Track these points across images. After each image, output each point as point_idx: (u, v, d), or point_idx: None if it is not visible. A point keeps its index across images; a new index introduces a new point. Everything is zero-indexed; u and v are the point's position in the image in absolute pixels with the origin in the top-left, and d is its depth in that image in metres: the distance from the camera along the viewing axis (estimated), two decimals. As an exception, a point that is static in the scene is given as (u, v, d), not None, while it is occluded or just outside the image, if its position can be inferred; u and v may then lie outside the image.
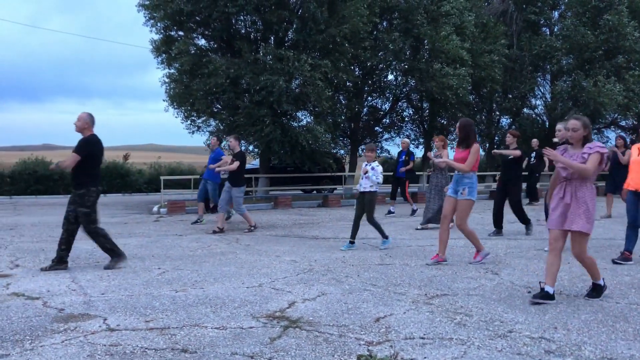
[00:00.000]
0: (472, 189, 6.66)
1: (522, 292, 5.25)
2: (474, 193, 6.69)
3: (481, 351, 3.61)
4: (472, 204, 6.72)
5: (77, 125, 6.65)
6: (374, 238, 9.23)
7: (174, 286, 5.58)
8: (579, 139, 5.05)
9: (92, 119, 6.73)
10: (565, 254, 7.37)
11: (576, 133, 5.03)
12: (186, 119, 17.55)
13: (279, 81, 14.73)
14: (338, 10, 16.12)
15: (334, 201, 16.55)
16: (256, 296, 5.11)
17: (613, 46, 22.10)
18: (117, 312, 4.59)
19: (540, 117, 25.45)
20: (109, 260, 6.67)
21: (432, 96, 19.30)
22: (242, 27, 17.12)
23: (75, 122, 6.67)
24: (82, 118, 6.64)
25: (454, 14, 19.12)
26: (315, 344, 3.77)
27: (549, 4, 24.48)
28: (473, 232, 6.91)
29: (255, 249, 8.03)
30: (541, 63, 23.81)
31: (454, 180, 6.82)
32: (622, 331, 4.03)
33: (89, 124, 6.66)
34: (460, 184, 6.69)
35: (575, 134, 5.04)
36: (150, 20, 16.70)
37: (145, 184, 25.04)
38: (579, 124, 5.02)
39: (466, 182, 6.66)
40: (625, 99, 21.48)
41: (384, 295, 5.12)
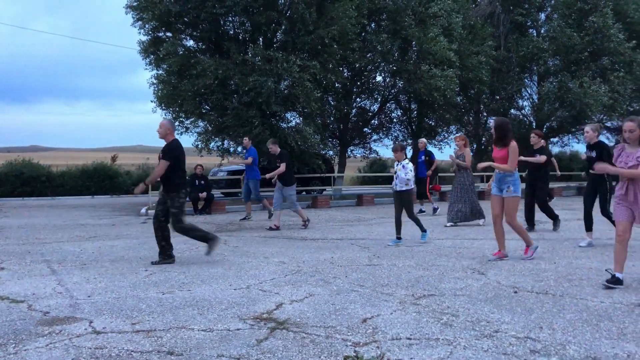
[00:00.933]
0: (516, 186, 6.92)
1: (509, 292, 5.28)
2: (519, 189, 6.96)
3: (467, 351, 3.63)
4: (518, 200, 7.01)
5: (160, 132, 7.05)
6: (362, 239, 9.26)
7: (161, 288, 5.55)
8: (636, 139, 5.36)
9: (173, 125, 7.26)
10: (551, 254, 7.45)
11: (633, 134, 5.35)
12: (174, 120, 17.47)
13: (267, 82, 14.73)
14: (326, 11, 16.15)
15: (323, 202, 16.56)
16: (243, 298, 5.10)
17: (598, 48, 22.32)
18: (104, 314, 4.57)
19: (527, 117, 25.64)
20: (206, 247, 7.05)
21: (420, 97, 19.40)
22: (230, 28, 17.11)
23: (157, 129, 7.08)
24: (163, 125, 7.03)
25: (441, 15, 19.22)
26: (302, 345, 3.77)
27: (536, 6, 24.67)
28: (522, 227, 7.23)
29: (243, 251, 8.01)
30: (528, 64, 24.01)
31: (497, 179, 7.06)
32: (606, 330, 4.06)
33: (171, 129, 7.08)
34: (504, 182, 6.95)
35: (632, 134, 5.36)
36: (139, 21, 16.63)
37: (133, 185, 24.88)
38: (634, 125, 5.33)
39: (509, 180, 6.91)
40: (610, 100, 21.70)
41: (371, 296, 5.13)
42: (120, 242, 9.14)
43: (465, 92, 22.84)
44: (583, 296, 5.08)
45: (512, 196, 6.90)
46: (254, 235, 9.98)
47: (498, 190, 7.02)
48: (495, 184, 7.07)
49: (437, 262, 6.96)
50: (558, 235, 9.50)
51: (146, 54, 17.19)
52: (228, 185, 18.87)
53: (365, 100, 21.96)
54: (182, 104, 16.36)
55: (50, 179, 23.58)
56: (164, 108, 17.20)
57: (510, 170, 6.88)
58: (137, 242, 9.12)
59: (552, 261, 6.94)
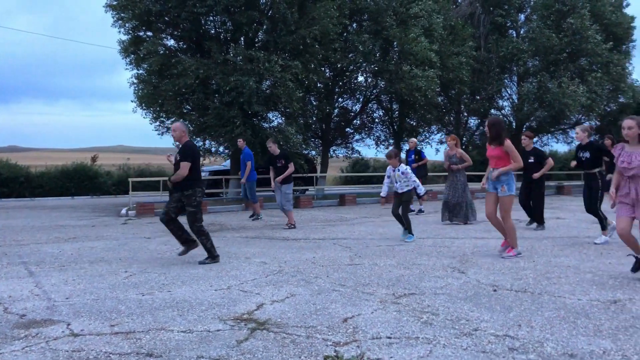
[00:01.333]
0: (510, 185, 7.06)
1: (488, 290, 5.33)
2: (513, 188, 7.11)
3: (447, 350, 3.65)
4: (513, 199, 7.17)
5: (175, 136, 7.25)
6: (344, 239, 9.27)
7: (140, 289, 5.51)
8: (634, 137, 5.48)
9: (187, 127, 7.50)
10: (530, 252, 7.53)
11: (631, 131, 5.47)
12: (155, 120, 17.36)
13: (249, 82, 14.68)
14: (308, 11, 16.14)
15: (305, 202, 16.55)
16: (224, 299, 5.08)
17: (576, 49, 22.64)
18: (82, 316, 4.51)
19: (507, 117, 25.89)
20: (204, 258, 7.07)
21: (402, 97, 19.48)
22: (211, 27, 17.02)
23: (172, 133, 7.33)
24: (178, 128, 7.23)
25: (422, 16, 19.33)
26: (283, 345, 3.76)
27: (515, 7, 24.94)
28: (515, 228, 7.30)
29: (224, 251, 7.97)
30: (508, 65, 24.26)
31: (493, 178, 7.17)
32: (583, 327, 4.12)
33: (185, 132, 7.27)
34: (498, 181, 7.08)
35: (630, 131, 5.48)
36: (119, 20, 16.47)
37: (114, 186, 24.69)
38: (633, 122, 5.48)
39: (503, 179, 7.04)
40: (588, 100, 22.01)
41: (352, 296, 5.14)
42: (100, 243, 9.04)
43: (446, 92, 23.01)
44: (561, 294, 5.15)
45: (506, 195, 7.06)
46: (235, 235, 9.95)
47: (493, 188, 7.19)
48: (491, 182, 7.22)
49: (418, 261, 7.00)
50: (537, 234, 9.61)
51: (126, 53, 17.03)
52: (210, 186, 18.77)
53: (347, 100, 22.02)
54: (163, 104, 16.25)
55: (29, 180, 23.26)
56: (145, 108, 17.06)
57: (519, 166, 7.09)
58: (117, 243, 9.03)
59: (531, 260, 7.02)
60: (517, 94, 24.54)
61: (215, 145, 17.38)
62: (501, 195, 7.08)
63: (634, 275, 5.91)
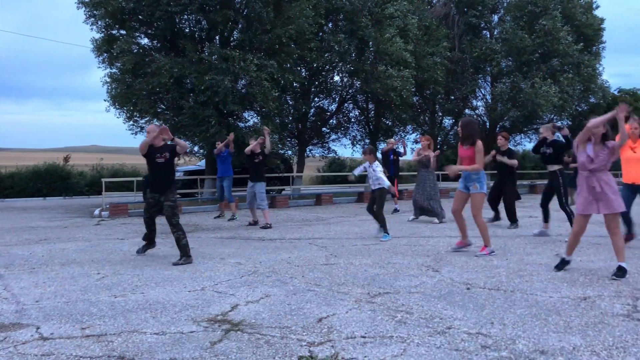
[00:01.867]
0: (481, 183, 7.16)
1: (462, 288, 5.38)
2: (484, 186, 7.20)
3: (420, 348, 3.68)
4: (484, 197, 7.25)
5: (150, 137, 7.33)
6: (320, 238, 9.27)
7: (113, 291, 5.43)
8: (599, 136, 5.83)
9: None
10: (503, 250, 7.62)
11: (597, 130, 5.80)
12: (129, 119, 17.11)
13: (224, 81, 14.58)
14: (284, 10, 16.10)
15: (281, 202, 16.51)
16: (198, 300, 5.04)
17: (548, 49, 22.99)
18: (52, 320, 4.43)
19: (481, 117, 26.19)
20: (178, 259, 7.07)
21: (377, 97, 19.55)
22: (186, 26, 16.86)
23: (147, 135, 7.41)
24: (152, 130, 7.37)
25: (397, 16, 19.42)
26: (257, 346, 3.74)
27: (489, 8, 25.21)
28: (486, 225, 7.35)
29: (199, 252, 7.91)
30: (482, 65, 24.51)
31: (463, 177, 7.32)
32: (554, 324, 4.18)
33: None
34: (469, 179, 7.21)
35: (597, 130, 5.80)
36: (91, 18, 16.20)
37: (87, 186, 24.30)
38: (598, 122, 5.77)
39: (474, 177, 7.16)
40: (560, 100, 22.37)
41: (327, 295, 5.14)
42: (72, 244, 8.89)
43: (421, 92, 23.16)
44: (533, 291, 5.22)
45: (478, 192, 7.16)
46: (210, 236, 9.87)
47: (464, 187, 7.28)
48: (462, 181, 7.33)
49: (393, 260, 7.03)
50: (511, 232, 9.74)
51: (99, 51, 16.76)
52: (184, 186, 18.62)
53: (324, 100, 22.00)
54: (137, 103, 16.04)
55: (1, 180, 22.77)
56: (118, 107, 16.80)
57: (479, 169, 7.12)
58: (89, 244, 8.89)
59: (504, 257, 7.11)
60: (491, 94, 24.81)
61: (190, 145, 17.22)
62: (473, 192, 7.17)
63: (602, 273, 6.03)
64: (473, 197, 7.19)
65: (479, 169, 7.15)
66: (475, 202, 7.17)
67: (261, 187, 10.96)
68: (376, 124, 22.64)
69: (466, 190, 7.26)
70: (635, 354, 3.55)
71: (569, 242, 6.15)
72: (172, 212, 7.20)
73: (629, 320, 4.28)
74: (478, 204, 7.16)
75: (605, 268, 6.32)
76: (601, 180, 5.78)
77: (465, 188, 7.26)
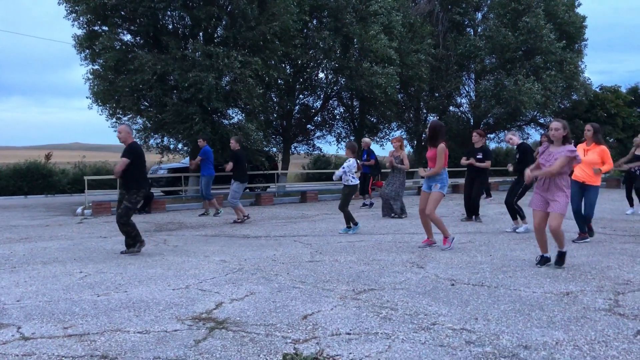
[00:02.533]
0: (443, 184, 7.44)
1: (446, 284, 5.40)
2: (445, 187, 7.47)
3: (405, 344, 3.68)
4: (442, 196, 7.48)
5: (121, 137, 7.53)
6: (305, 235, 9.27)
7: (96, 290, 5.37)
8: (559, 138, 5.99)
9: (131, 129, 7.79)
10: (487, 247, 7.67)
11: (557, 132, 5.97)
12: (111, 116, 16.94)
13: (208, 78, 14.49)
14: (268, 7, 16.03)
15: (266, 199, 16.47)
16: (182, 298, 5.00)
17: (531, 47, 23.18)
18: (33, 319, 4.37)
19: (465, 114, 26.35)
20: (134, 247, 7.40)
21: (362, 94, 19.58)
22: (169, 22, 16.71)
23: (117, 135, 7.58)
24: (123, 130, 7.55)
25: (382, 13, 19.44)
26: (242, 344, 3.73)
27: (473, 6, 25.36)
28: (440, 220, 7.58)
29: (183, 250, 7.86)
30: (466, 62, 24.65)
31: (426, 177, 7.60)
32: (537, 319, 4.22)
33: (129, 133, 7.60)
34: (432, 180, 7.49)
35: (557, 133, 5.98)
36: (72, 14, 16.00)
37: (69, 184, 24.02)
38: (559, 125, 5.98)
39: (437, 178, 7.44)
40: (543, 97, 22.58)
41: (312, 292, 5.13)
42: (54, 243, 8.78)
43: (405, 89, 23.23)
44: (516, 287, 5.26)
45: (436, 191, 7.41)
46: (194, 234, 9.81)
47: (427, 187, 7.55)
48: (425, 181, 7.61)
49: (378, 256, 7.04)
50: (494, 228, 9.80)
51: (81, 48, 16.57)
52: (168, 184, 18.49)
53: (308, 97, 21.98)
54: (120, 100, 15.88)
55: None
56: (101, 104, 16.64)
57: (436, 172, 7.43)
58: (71, 243, 8.79)
59: (488, 254, 7.16)
60: (475, 91, 24.97)
61: (174, 142, 17.11)
62: (433, 191, 7.43)
63: (584, 268, 6.10)
64: (431, 195, 7.44)
65: (437, 172, 7.42)
66: (432, 199, 7.39)
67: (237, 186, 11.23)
68: (361, 121, 22.68)
69: (429, 190, 7.51)
70: (616, 347, 3.59)
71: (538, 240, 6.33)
72: (125, 212, 7.31)
73: (610, 314, 4.33)
74: (434, 202, 7.38)
75: (587, 263, 6.39)
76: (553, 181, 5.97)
77: (429, 188, 7.52)
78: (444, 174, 7.45)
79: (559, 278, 5.62)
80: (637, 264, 6.35)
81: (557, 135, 6.01)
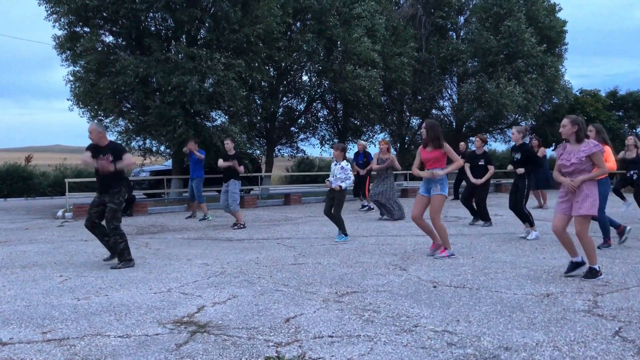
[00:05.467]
0: (443, 186, 7.07)
1: (429, 286, 5.43)
2: (446, 189, 7.11)
3: (387, 347, 3.69)
4: (444, 199, 7.10)
5: (92, 138, 7.02)
6: (289, 238, 9.25)
7: (76, 294, 5.31)
8: (570, 134, 5.74)
9: (103, 127, 7.32)
10: (469, 249, 7.72)
11: (565, 129, 5.76)
12: (93, 118, 16.73)
13: (191, 81, 14.41)
14: (251, 9, 15.99)
15: (250, 202, 16.42)
16: (164, 302, 4.96)
17: (513, 51, 23.42)
18: (11, 324, 4.31)
19: (448, 117, 26.52)
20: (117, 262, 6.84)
21: (346, 97, 19.60)
22: (152, 24, 16.58)
23: (89, 136, 7.03)
24: (93, 130, 7.00)
25: (365, 16, 19.49)
26: (223, 347, 3.71)
27: (455, 9, 25.54)
28: (445, 227, 7.25)
29: (165, 253, 7.81)
30: (448, 66, 24.81)
31: (425, 180, 7.17)
32: (517, 321, 4.26)
33: (102, 132, 7.11)
34: (432, 182, 7.09)
35: (564, 129, 5.77)
36: (53, 14, 15.81)
37: (50, 187, 23.70)
38: (566, 121, 5.79)
39: (438, 179, 7.03)
40: (524, 101, 22.82)
41: (295, 295, 5.13)
42: (33, 246, 8.67)
43: (388, 92, 23.31)
44: (498, 289, 5.31)
45: (438, 194, 7.03)
46: (177, 237, 9.75)
47: (425, 190, 7.17)
48: (424, 184, 7.22)
49: (361, 259, 7.06)
50: (476, 230, 9.88)
51: (62, 49, 16.36)
52: (151, 186, 18.34)
53: (292, 99, 21.95)
54: (101, 102, 15.71)
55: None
56: (82, 106, 16.44)
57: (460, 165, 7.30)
58: (51, 246, 8.68)
59: (470, 256, 7.21)
60: (457, 94, 25.14)
61: (157, 144, 16.97)
62: (433, 194, 7.05)
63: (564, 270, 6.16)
64: (433, 199, 7.07)
65: (461, 164, 7.31)
66: (435, 204, 7.05)
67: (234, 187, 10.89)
68: (344, 124, 22.70)
69: (427, 194, 7.14)
70: (595, 348, 3.64)
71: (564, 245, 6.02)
72: (112, 214, 6.86)
73: (589, 315, 4.39)
74: (437, 206, 7.04)
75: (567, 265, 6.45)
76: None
77: (427, 191, 7.15)
78: (444, 176, 7.08)
79: (539, 280, 5.68)
80: (615, 265, 6.44)
81: (565, 132, 5.75)
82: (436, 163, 7.09)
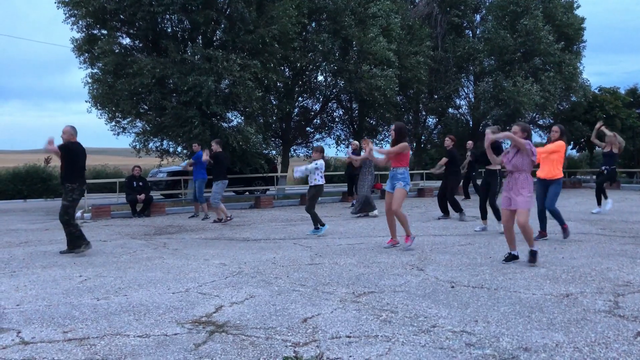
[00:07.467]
0: (405, 182, 7.69)
1: (446, 287, 5.40)
2: (408, 185, 7.74)
3: (405, 347, 3.68)
4: (405, 193, 7.75)
5: (64, 138, 7.94)
6: (305, 238, 9.26)
7: (95, 294, 5.37)
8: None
9: (75, 130, 8.11)
10: (487, 248, 7.67)
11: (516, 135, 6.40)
12: (110, 120, 16.94)
13: (207, 81, 14.50)
14: (266, 10, 16.06)
15: (266, 202, 16.48)
16: (182, 302, 5.00)
17: (530, 49, 23.20)
18: (33, 323, 4.37)
19: (465, 116, 26.34)
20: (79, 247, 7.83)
21: (361, 97, 19.59)
22: (168, 26, 16.73)
23: (61, 135, 7.96)
24: (67, 131, 7.97)
25: (380, 15, 19.46)
26: (241, 347, 3.72)
27: (472, 8, 25.36)
28: (406, 217, 7.83)
29: (183, 253, 7.86)
30: (464, 64, 24.65)
31: (390, 177, 7.81)
32: (537, 321, 4.22)
33: (73, 135, 8.01)
34: (395, 179, 7.73)
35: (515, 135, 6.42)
36: (71, 17, 16.02)
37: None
38: (517, 128, 6.47)
39: (399, 177, 7.70)
40: (542, 99, 22.59)
41: (312, 295, 5.13)
42: (53, 247, 8.78)
43: (404, 91, 23.23)
44: (516, 289, 5.26)
45: (400, 188, 7.64)
46: (194, 237, 9.81)
47: (391, 187, 7.78)
48: (389, 182, 7.83)
49: (378, 259, 7.04)
50: (493, 229, 9.80)
51: (80, 52, 16.59)
52: (168, 187, 18.48)
53: (307, 99, 21.99)
54: (119, 104, 15.89)
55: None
56: (100, 108, 16.65)
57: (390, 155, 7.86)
58: (71, 247, 8.77)
59: (487, 256, 7.16)
60: (474, 93, 24.97)
61: (174, 145, 17.10)
62: (396, 189, 7.65)
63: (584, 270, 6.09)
64: (395, 192, 7.64)
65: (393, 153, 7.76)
66: (397, 196, 7.62)
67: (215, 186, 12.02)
68: (360, 124, 22.68)
69: (392, 190, 7.72)
70: (616, 349, 3.59)
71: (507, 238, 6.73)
72: (64, 210, 7.81)
73: (610, 316, 4.33)
74: (399, 199, 7.62)
75: (587, 265, 6.39)
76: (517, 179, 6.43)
77: (392, 187, 7.72)
78: (405, 173, 7.70)
79: (558, 280, 5.62)
80: (636, 265, 6.36)
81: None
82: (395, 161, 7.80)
